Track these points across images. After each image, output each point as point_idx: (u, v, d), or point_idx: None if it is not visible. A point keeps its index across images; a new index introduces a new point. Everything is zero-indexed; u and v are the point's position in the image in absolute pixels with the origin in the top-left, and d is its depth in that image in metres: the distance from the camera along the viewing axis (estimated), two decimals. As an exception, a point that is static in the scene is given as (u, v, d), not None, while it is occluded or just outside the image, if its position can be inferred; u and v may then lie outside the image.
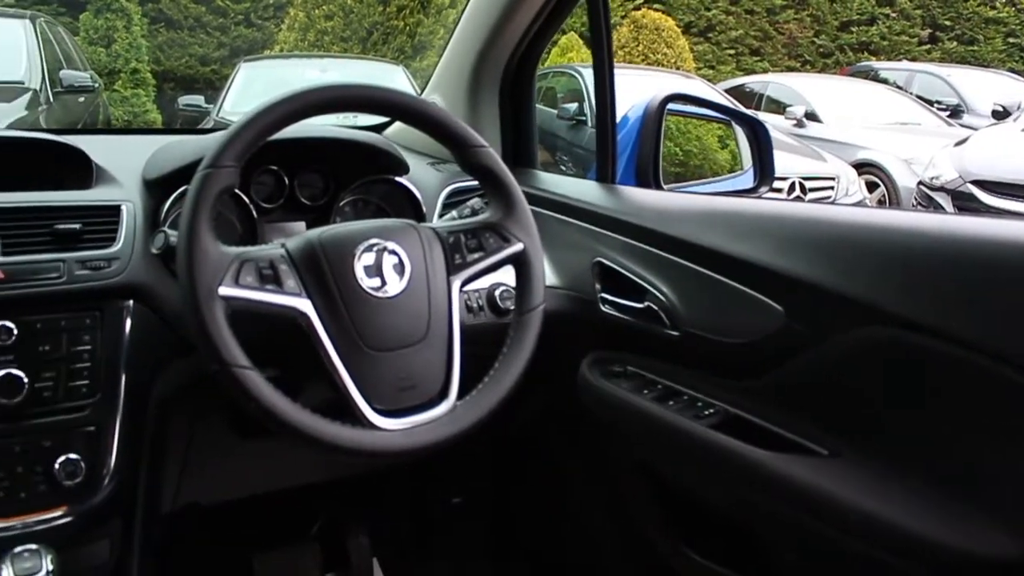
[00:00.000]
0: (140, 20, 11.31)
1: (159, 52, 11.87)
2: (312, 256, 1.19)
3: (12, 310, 1.26)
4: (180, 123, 8.05)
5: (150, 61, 11.18)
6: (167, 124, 9.92)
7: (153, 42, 11.81)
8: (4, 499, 1.25)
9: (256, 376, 1.10)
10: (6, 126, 4.95)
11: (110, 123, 8.60)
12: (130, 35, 10.98)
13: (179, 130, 3.60)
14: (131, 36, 10.98)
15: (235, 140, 1.16)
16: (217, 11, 12.65)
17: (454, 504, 2.20)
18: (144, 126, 9.88)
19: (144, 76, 10.78)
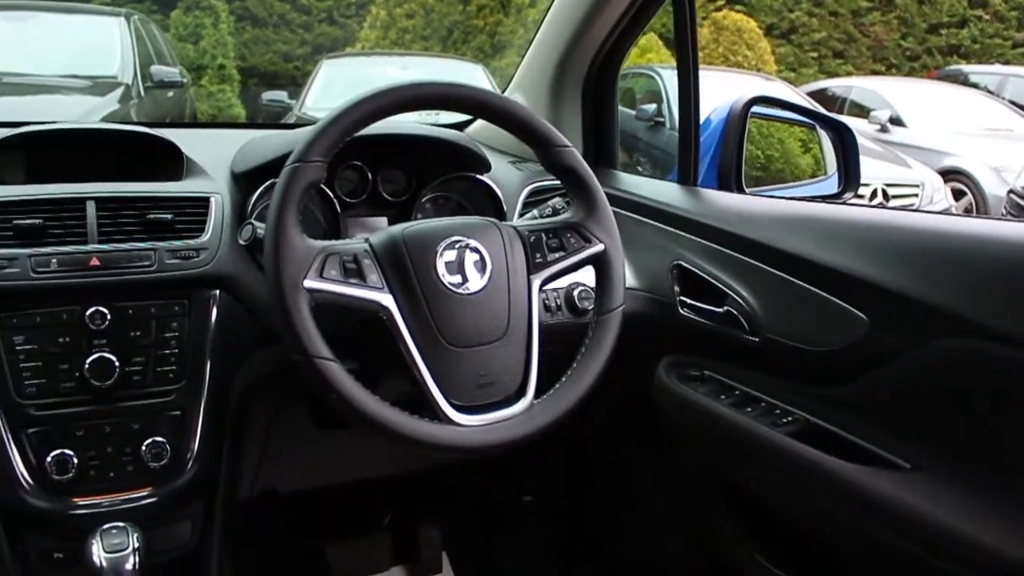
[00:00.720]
0: (227, 18, 11.58)
1: (244, 49, 12.13)
2: (395, 251, 1.21)
3: (106, 296, 1.31)
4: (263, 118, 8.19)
5: (236, 57, 11.43)
6: (250, 119, 10.10)
7: (239, 39, 12.07)
8: (94, 477, 1.30)
9: (338, 368, 1.13)
10: (100, 119, 5.11)
11: (196, 117, 8.81)
12: (217, 32, 11.26)
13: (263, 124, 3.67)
14: (218, 33, 11.26)
15: (322, 136, 1.19)
16: (301, 9, 12.88)
17: (524, 502, 2.21)
18: (229, 120, 10.09)
19: (230, 72, 11.03)
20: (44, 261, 1.28)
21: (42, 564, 1.35)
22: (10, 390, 1.26)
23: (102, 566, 1.21)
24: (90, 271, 1.30)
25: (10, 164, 1.47)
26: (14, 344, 1.26)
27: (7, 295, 1.26)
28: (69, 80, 5.85)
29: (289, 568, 2.15)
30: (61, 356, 1.28)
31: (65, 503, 1.29)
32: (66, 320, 1.29)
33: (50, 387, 1.28)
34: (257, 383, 1.44)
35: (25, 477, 1.27)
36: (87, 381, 1.27)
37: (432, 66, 8.65)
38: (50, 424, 1.28)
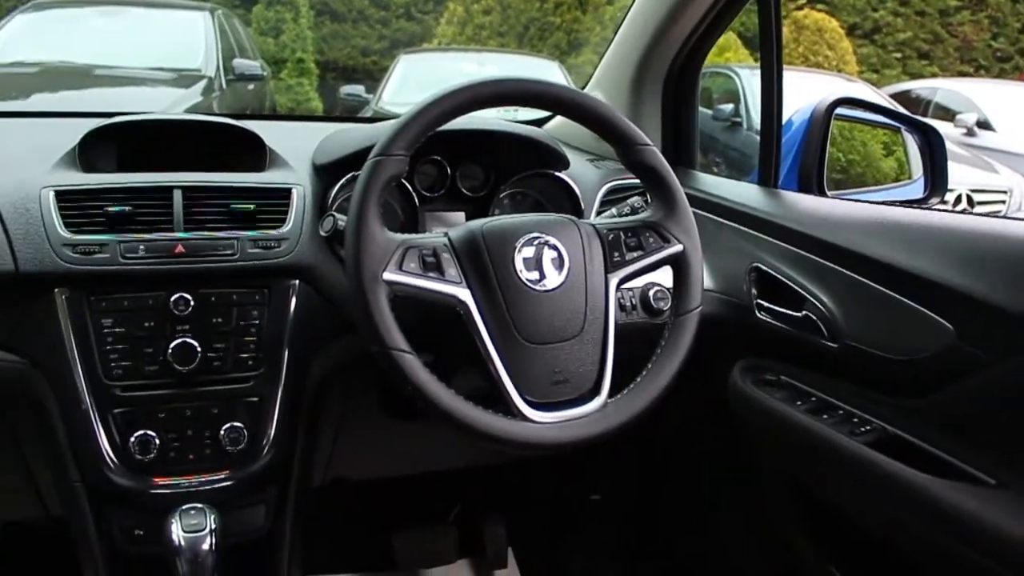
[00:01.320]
0: (307, 13, 11.77)
1: (323, 43, 12.31)
2: (474, 246, 1.22)
3: (190, 283, 1.34)
4: (340, 111, 8.31)
5: (315, 51, 11.61)
6: (327, 112, 10.26)
7: (318, 33, 12.25)
8: (174, 459, 1.34)
9: (414, 360, 1.14)
10: (183, 110, 5.24)
11: (275, 110, 8.97)
12: (297, 27, 11.45)
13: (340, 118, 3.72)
14: (298, 28, 11.45)
15: (405, 130, 1.20)
16: (379, 4, 13.03)
17: (593, 501, 2.21)
18: (307, 113, 10.26)
19: (308, 66, 11.21)
20: (132, 247, 1.32)
21: (124, 540, 1.40)
22: (98, 371, 1.30)
23: (180, 545, 1.25)
24: (175, 258, 1.33)
25: (102, 152, 1.52)
26: (103, 327, 1.31)
27: (97, 279, 1.31)
28: (155, 72, 6.01)
29: (356, 556, 2.18)
30: (146, 340, 1.32)
31: (146, 483, 1.33)
32: (151, 305, 1.32)
33: (135, 369, 1.32)
34: (332, 372, 1.46)
35: (110, 456, 1.31)
36: (170, 365, 1.31)
37: (508, 63, 8.65)
38: (134, 405, 1.32)
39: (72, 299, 1.30)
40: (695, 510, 1.97)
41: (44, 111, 2.10)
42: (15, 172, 1.41)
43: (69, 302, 1.30)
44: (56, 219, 1.32)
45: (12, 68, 5.85)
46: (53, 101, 5.35)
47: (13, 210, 1.33)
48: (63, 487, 1.41)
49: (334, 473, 1.75)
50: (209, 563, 1.25)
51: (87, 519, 1.40)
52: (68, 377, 1.30)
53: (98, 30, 6.50)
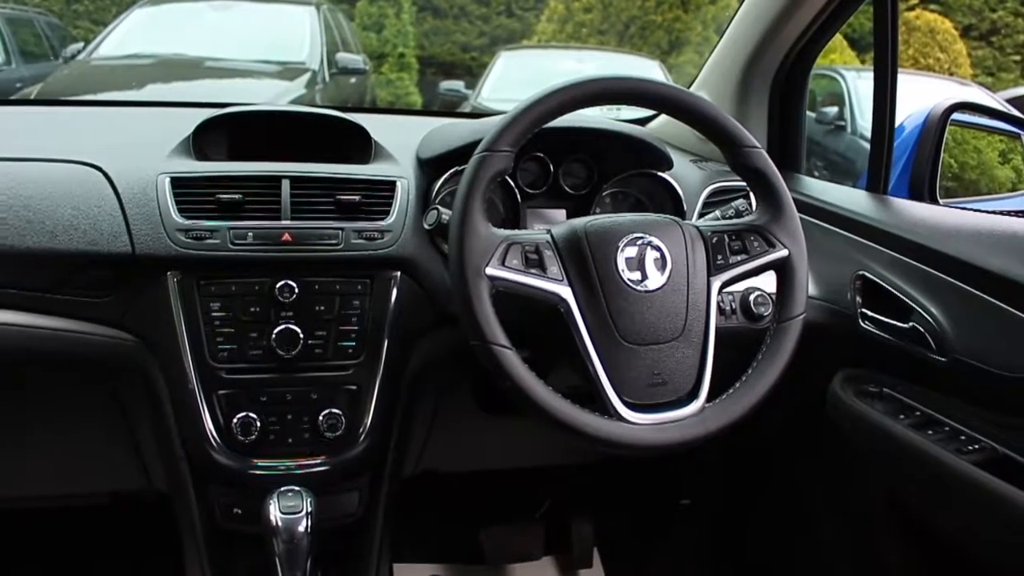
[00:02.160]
0: (409, 8, 11.93)
1: (424, 39, 12.46)
2: (576, 244, 1.22)
3: (295, 271, 1.37)
4: (439, 106, 8.40)
5: (415, 47, 11.76)
6: (426, 106, 10.38)
7: (420, 29, 12.41)
8: (274, 442, 1.38)
9: (514, 356, 1.14)
10: (287, 102, 5.37)
11: (376, 103, 9.12)
12: (399, 22, 11.62)
13: (440, 112, 3.75)
14: (400, 23, 11.62)
15: (512, 126, 1.20)
16: (481, 1, 13.12)
17: (682, 505, 2.18)
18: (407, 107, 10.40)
19: (409, 61, 11.37)
20: (241, 234, 1.36)
21: (223, 517, 1.45)
22: (205, 353, 1.35)
23: (278, 525, 1.28)
24: (282, 246, 1.36)
25: (214, 142, 1.57)
26: (211, 310, 1.35)
27: (207, 264, 1.35)
28: (262, 65, 6.18)
29: (443, 547, 2.20)
30: (251, 324, 1.36)
31: (246, 463, 1.37)
32: (257, 291, 1.36)
33: (240, 353, 1.36)
34: (430, 364, 1.48)
35: (213, 435, 1.35)
36: (273, 350, 1.34)
37: (608, 61, 8.60)
38: (238, 388, 1.36)
39: (183, 282, 1.35)
40: (786, 519, 1.93)
41: (161, 100, 2.17)
42: (135, 159, 1.46)
43: (180, 285, 1.35)
44: (171, 205, 1.37)
45: (130, 60, 6.09)
46: (166, 91, 5.56)
47: (132, 195, 1.39)
48: (168, 463, 1.46)
49: (425, 464, 1.77)
50: (304, 545, 1.27)
51: (189, 495, 1.45)
52: (176, 357, 1.35)
53: (209, 24, 6.72)
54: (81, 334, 1.37)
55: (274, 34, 6.79)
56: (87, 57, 6.45)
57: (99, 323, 1.38)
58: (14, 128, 1.77)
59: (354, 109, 1.74)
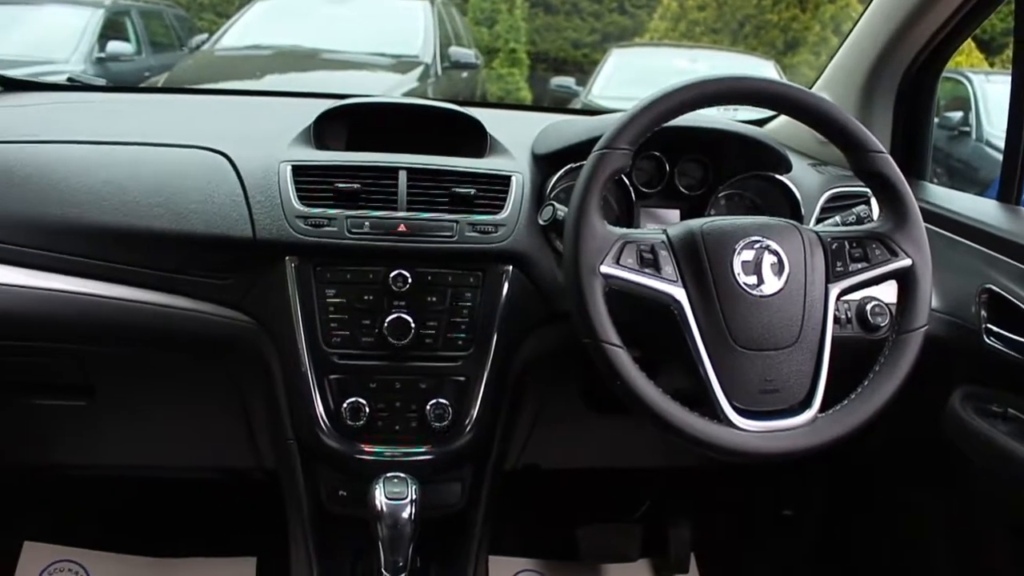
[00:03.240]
0: (522, 4, 11.97)
1: (535, 35, 12.47)
2: (692, 246, 1.20)
3: (409, 261, 1.39)
4: (548, 102, 8.39)
5: (527, 42, 11.79)
6: (535, 102, 10.38)
7: (531, 25, 12.43)
8: (381, 428, 1.40)
9: (625, 355, 1.14)
10: (400, 95, 5.46)
11: (486, 98, 9.16)
12: (512, 18, 11.67)
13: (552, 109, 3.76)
14: (512, 19, 11.67)
15: (632, 124, 1.20)
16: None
17: (784, 516, 2.14)
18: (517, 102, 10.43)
19: (520, 56, 11.40)
20: (358, 223, 1.38)
21: (329, 499, 1.48)
22: (319, 338, 1.38)
23: (382, 510, 1.30)
24: (397, 236, 1.39)
25: (333, 132, 1.60)
26: (326, 296, 1.38)
27: (324, 251, 1.38)
28: (376, 58, 6.28)
29: (539, 543, 2.21)
30: (364, 312, 1.38)
31: (353, 447, 1.40)
32: (372, 279, 1.39)
33: (352, 339, 1.38)
34: (537, 359, 1.48)
35: (323, 419, 1.38)
36: (385, 338, 1.37)
37: (721, 60, 8.45)
38: (349, 373, 1.39)
39: (300, 268, 1.38)
40: (892, 538, 1.87)
41: (282, 91, 2.23)
42: (257, 146, 1.50)
43: (298, 271, 1.38)
44: (292, 192, 1.40)
45: (250, 51, 6.29)
46: (284, 82, 5.72)
47: (254, 181, 1.43)
48: (278, 443, 1.51)
49: (527, 459, 1.78)
50: (408, 531, 1.29)
51: (297, 475, 1.49)
52: (291, 341, 1.38)
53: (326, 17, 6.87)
54: (203, 314, 1.42)
55: (389, 27, 6.91)
56: (211, 48, 6.71)
57: (220, 304, 1.43)
58: (143, 114, 1.85)
59: (467, 103, 1.75)
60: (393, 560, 1.30)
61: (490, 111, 1.76)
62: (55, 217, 1.40)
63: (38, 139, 1.52)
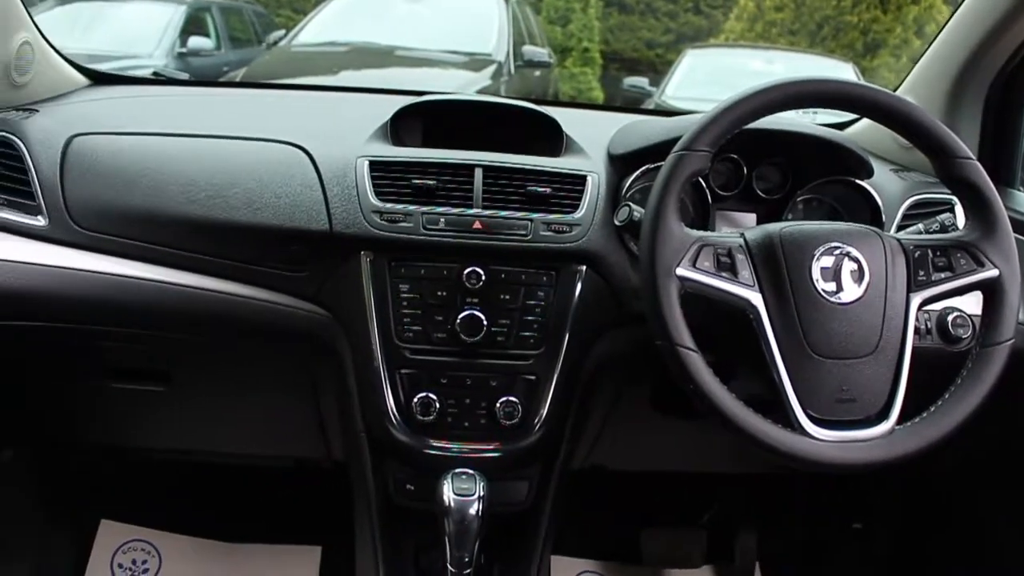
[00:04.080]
0: (596, 3, 11.94)
1: (609, 34, 12.42)
2: (770, 250, 1.19)
3: (483, 258, 1.40)
4: (620, 102, 8.35)
5: (600, 42, 11.74)
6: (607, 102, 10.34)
7: (605, 24, 12.38)
8: (451, 424, 1.41)
9: (699, 359, 1.13)
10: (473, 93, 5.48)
11: (558, 97, 9.15)
12: (585, 16, 11.64)
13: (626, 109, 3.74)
14: (586, 18, 11.64)
15: (712, 125, 1.18)
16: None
17: (853, 529, 2.09)
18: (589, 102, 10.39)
19: (593, 56, 11.37)
20: (434, 219, 1.39)
21: (396, 492, 1.49)
22: (392, 332, 1.39)
23: (450, 505, 1.30)
24: (472, 233, 1.39)
25: (410, 128, 1.62)
26: (399, 291, 1.39)
27: (399, 246, 1.39)
28: (449, 56, 6.32)
29: (602, 544, 2.20)
30: (437, 308, 1.39)
31: (423, 442, 1.41)
32: (445, 276, 1.39)
33: (425, 335, 1.39)
34: (609, 360, 1.48)
35: (394, 412, 1.40)
36: (457, 334, 1.37)
37: (798, 62, 8.31)
38: (420, 368, 1.40)
39: (375, 263, 1.40)
40: (971, 556, 1.81)
41: (358, 87, 2.26)
42: (335, 141, 1.52)
43: (373, 265, 1.40)
44: (368, 187, 1.42)
45: (326, 47, 6.39)
46: (358, 78, 5.79)
47: (332, 176, 1.45)
48: (348, 435, 1.52)
49: (595, 460, 1.77)
50: (474, 527, 1.30)
51: (366, 468, 1.50)
52: (364, 334, 1.40)
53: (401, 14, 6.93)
54: (278, 305, 1.45)
55: (463, 25, 6.94)
56: (288, 44, 6.82)
57: (296, 296, 1.45)
58: (225, 108, 1.89)
59: (541, 101, 1.75)
60: (459, 555, 1.31)
61: (563, 110, 1.75)
62: (140, 207, 1.44)
63: (126, 131, 1.56)
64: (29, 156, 1.48)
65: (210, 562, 2.15)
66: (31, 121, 1.57)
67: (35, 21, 1.75)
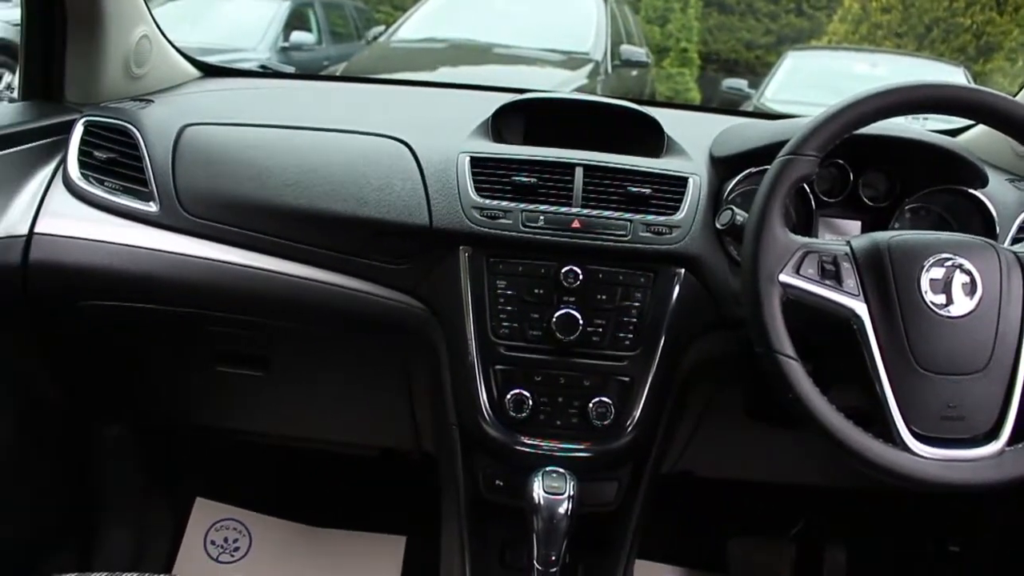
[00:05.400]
0: (696, 3, 11.80)
1: (708, 35, 12.28)
2: (877, 259, 1.16)
3: (581, 257, 1.40)
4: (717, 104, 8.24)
5: (699, 42, 11.61)
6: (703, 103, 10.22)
7: (704, 24, 12.24)
8: (543, 422, 1.41)
9: (799, 368, 1.11)
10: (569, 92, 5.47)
11: (654, 97, 9.09)
12: (685, 17, 11.53)
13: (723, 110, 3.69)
14: (686, 18, 11.53)
15: (821, 129, 1.16)
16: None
17: (949, 552, 2.02)
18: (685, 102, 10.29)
19: (691, 56, 11.26)
20: (533, 217, 1.40)
21: (486, 487, 1.50)
22: (487, 328, 1.40)
23: (540, 503, 1.30)
24: (571, 232, 1.39)
25: (511, 125, 1.62)
26: (497, 288, 1.40)
27: (498, 243, 1.40)
28: (546, 54, 6.33)
29: (687, 551, 2.17)
30: (533, 305, 1.40)
31: (513, 438, 1.41)
32: (543, 274, 1.40)
33: (520, 332, 1.40)
34: (703, 365, 1.46)
35: (487, 408, 1.40)
36: (552, 333, 1.37)
37: (905, 65, 8.04)
38: (514, 365, 1.40)
39: (474, 258, 1.41)
40: None
41: (459, 83, 2.28)
42: (437, 136, 1.54)
43: (471, 260, 1.41)
44: (469, 183, 1.43)
45: (425, 43, 6.47)
46: (455, 74, 5.85)
47: (433, 171, 1.46)
48: (440, 428, 1.54)
49: (684, 465, 1.75)
50: (563, 526, 1.29)
51: (456, 461, 1.51)
52: (460, 329, 1.41)
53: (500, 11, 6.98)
54: (377, 297, 1.47)
55: (561, 23, 6.94)
56: (387, 39, 6.93)
57: (394, 288, 1.47)
58: (329, 102, 1.93)
59: (640, 101, 1.74)
60: (546, 553, 1.31)
61: (661, 110, 1.74)
62: (246, 195, 1.48)
63: (235, 121, 1.61)
64: (144, 144, 1.54)
65: (297, 544, 2.20)
66: (147, 111, 1.63)
67: (154, 16, 1.82)
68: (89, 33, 1.66)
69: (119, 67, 1.75)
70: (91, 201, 1.53)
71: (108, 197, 1.53)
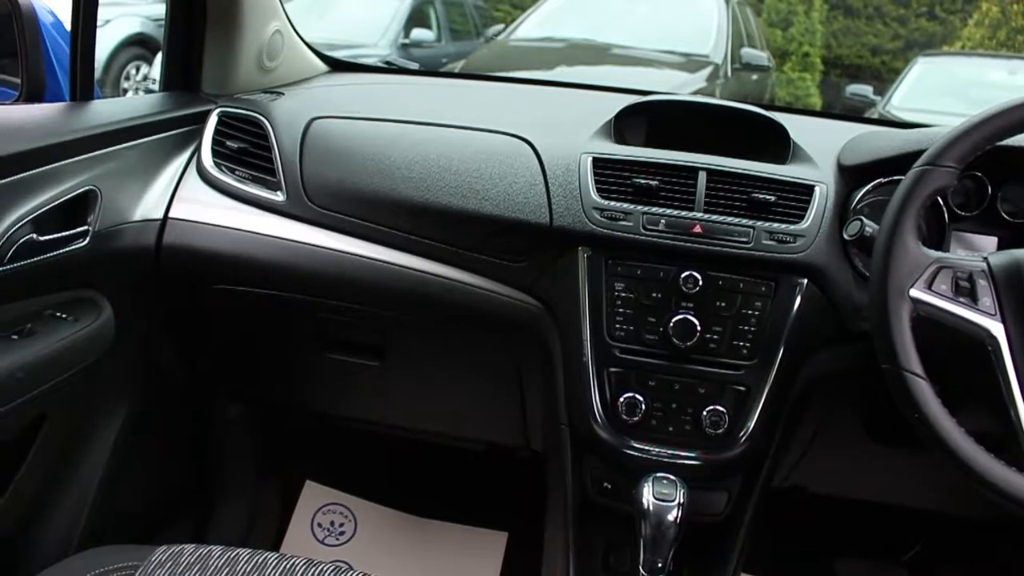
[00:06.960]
0: (821, 6, 11.49)
1: (832, 39, 11.92)
2: (1017, 278, 1.11)
3: (701, 263, 1.38)
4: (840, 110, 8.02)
5: (822, 47, 11.31)
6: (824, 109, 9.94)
7: (828, 28, 11.89)
8: (655, 427, 1.40)
9: (927, 388, 1.07)
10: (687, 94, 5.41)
11: (774, 102, 8.90)
12: (808, 20, 11.24)
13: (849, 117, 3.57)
14: (809, 21, 11.23)
15: (962, 140, 1.12)
16: (900, 2, 12.27)
17: None
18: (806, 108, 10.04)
19: (813, 60, 10.97)
20: (654, 220, 1.39)
21: (593, 489, 1.49)
22: (603, 330, 1.39)
23: (649, 509, 1.29)
24: (692, 237, 1.37)
25: (633, 127, 1.61)
26: (614, 290, 1.39)
27: (618, 245, 1.39)
28: (665, 55, 6.28)
29: (794, 568, 2.12)
30: (651, 309, 1.38)
31: (624, 442, 1.40)
32: (661, 278, 1.38)
33: (635, 335, 1.39)
34: (822, 378, 1.42)
35: (599, 409, 1.40)
36: (668, 338, 1.36)
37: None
38: (629, 368, 1.39)
39: (592, 259, 1.40)
40: None
41: (580, 83, 2.28)
42: (559, 136, 1.54)
43: (589, 261, 1.40)
44: (591, 184, 1.43)
45: (543, 42, 6.50)
46: (573, 74, 5.87)
47: (555, 170, 1.47)
48: (550, 427, 1.54)
49: (795, 480, 1.71)
50: (671, 534, 1.28)
51: (566, 461, 1.51)
52: (576, 329, 1.41)
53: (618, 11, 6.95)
54: (493, 293, 1.49)
55: (681, 25, 6.89)
56: (506, 38, 6.99)
57: (511, 286, 1.48)
58: (449, 98, 1.95)
59: (762, 106, 1.70)
60: (653, 560, 1.29)
61: (784, 116, 1.70)
62: (369, 188, 1.51)
63: (360, 115, 1.64)
64: (274, 135, 1.59)
65: (401, 533, 2.24)
66: (277, 103, 1.69)
67: (286, 12, 1.89)
68: (226, 28, 1.73)
69: (252, 61, 1.81)
70: (222, 189, 1.59)
71: (238, 185, 1.59)
